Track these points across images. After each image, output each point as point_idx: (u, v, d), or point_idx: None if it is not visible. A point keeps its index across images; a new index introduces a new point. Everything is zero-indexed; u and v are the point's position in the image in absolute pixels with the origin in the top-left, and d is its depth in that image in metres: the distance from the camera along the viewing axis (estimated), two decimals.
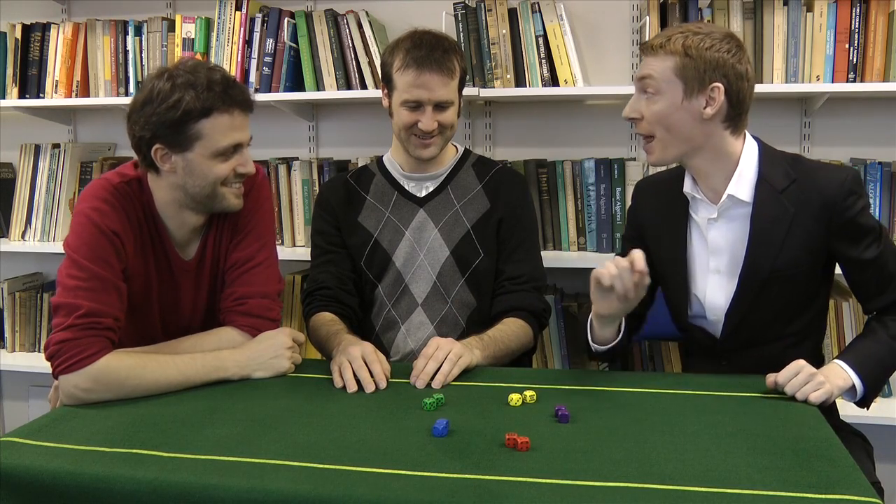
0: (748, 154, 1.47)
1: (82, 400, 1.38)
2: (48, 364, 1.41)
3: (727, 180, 1.46)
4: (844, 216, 1.42)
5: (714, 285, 1.52)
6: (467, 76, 1.89)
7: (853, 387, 1.42)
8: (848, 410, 1.83)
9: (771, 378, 1.36)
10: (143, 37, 2.44)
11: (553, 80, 2.19)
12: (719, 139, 1.45)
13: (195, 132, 1.44)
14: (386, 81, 1.77)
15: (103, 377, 1.38)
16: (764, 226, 1.45)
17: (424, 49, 1.69)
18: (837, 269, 1.53)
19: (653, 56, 1.43)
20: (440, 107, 1.72)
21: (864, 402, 1.46)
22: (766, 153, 1.49)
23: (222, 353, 1.50)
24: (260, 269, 1.61)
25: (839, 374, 1.41)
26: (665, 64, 1.41)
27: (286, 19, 2.32)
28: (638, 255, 1.33)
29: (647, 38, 2.10)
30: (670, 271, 1.57)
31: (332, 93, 2.31)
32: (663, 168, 1.64)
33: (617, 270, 1.34)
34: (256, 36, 2.34)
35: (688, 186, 1.53)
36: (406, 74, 1.70)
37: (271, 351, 1.51)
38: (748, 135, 1.50)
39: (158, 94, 1.44)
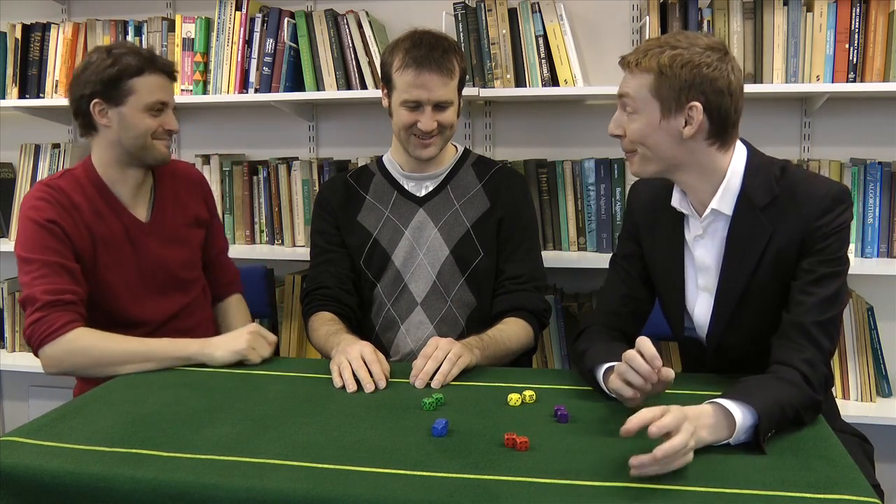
0: (735, 166, 1.40)
1: (60, 369, 1.60)
2: None
3: (714, 194, 1.40)
4: (817, 234, 1.33)
5: (701, 303, 1.48)
6: (467, 76, 1.89)
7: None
8: (848, 410, 1.83)
9: (653, 429, 1.05)
10: (143, 37, 2.44)
11: (553, 80, 2.19)
12: (704, 155, 1.38)
13: (128, 87, 1.68)
14: (385, 81, 1.78)
15: (73, 346, 1.57)
16: (739, 243, 1.40)
17: (424, 49, 1.69)
18: None
19: (629, 73, 1.37)
20: (440, 107, 1.72)
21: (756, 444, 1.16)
22: (752, 164, 1.41)
23: (187, 339, 1.64)
24: (227, 251, 2.03)
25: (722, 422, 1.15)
26: (640, 82, 1.35)
27: (286, 19, 2.32)
28: (642, 351, 1.19)
29: (647, 38, 2.11)
30: (666, 284, 1.54)
31: (332, 93, 2.31)
32: None
33: (640, 383, 1.21)
34: (256, 36, 2.34)
35: (675, 201, 1.47)
36: (405, 74, 1.70)
37: (231, 335, 1.65)
38: (739, 143, 1.44)
39: (97, 59, 1.69)
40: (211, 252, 1.95)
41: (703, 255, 1.46)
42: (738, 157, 1.41)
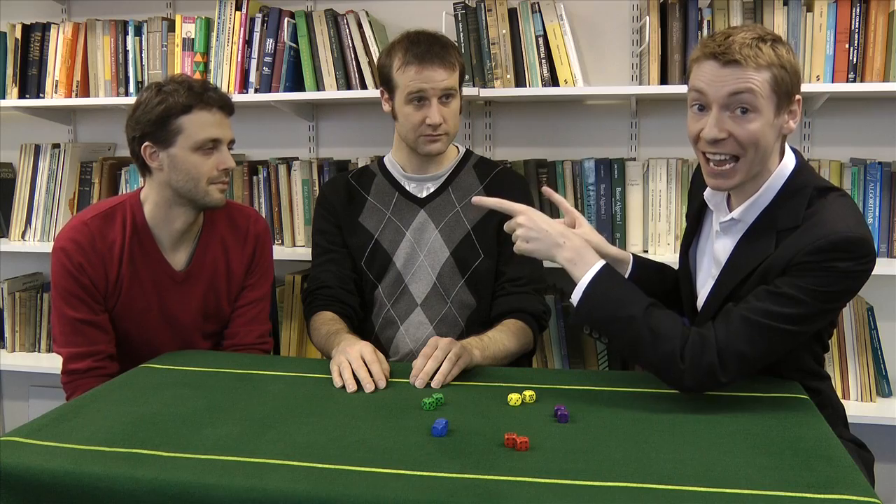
0: (774, 182, 1.35)
1: None
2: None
3: (751, 196, 1.37)
4: (800, 266, 1.26)
5: (706, 291, 1.48)
6: (466, 76, 1.89)
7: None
8: (849, 410, 1.82)
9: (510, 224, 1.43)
10: (143, 37, 2.44)
11: (553, 80, 2.19)
12: (772, 157, 1.35)
13: (176, 127, 1.62)
14: (385, 84, 1.78)
15: None
16: (744, 252, 1.37)
17: (423, 45, 1.71)
18: None
19: (744, 67, 1.26)
20: (445, 97, 1.73)
21: (577, 314, 1.37)
22: (792, 185, 1.35)
23: None
24: (267, 307, 1.88)
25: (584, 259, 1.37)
26: (763, 77, 1.26)
27: (286, 19, 2.32)
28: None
29: (647, 39, 2.11)
30: (683, 262, 1.56)
31: (332, 93, 2.31)
32: None
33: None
34: (256, 36, 2.34)
35: (708, 192, 1.45)
36: (408, 71, 1.71)
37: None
38: (788, 150, 1.38)
39: (146, 98, 1.64)
40: (240, 300, 1.83)
41: (721, 249, 1.45)
42: (779, 173, 1.36)
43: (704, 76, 1.30)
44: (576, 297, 1.37)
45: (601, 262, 1.37)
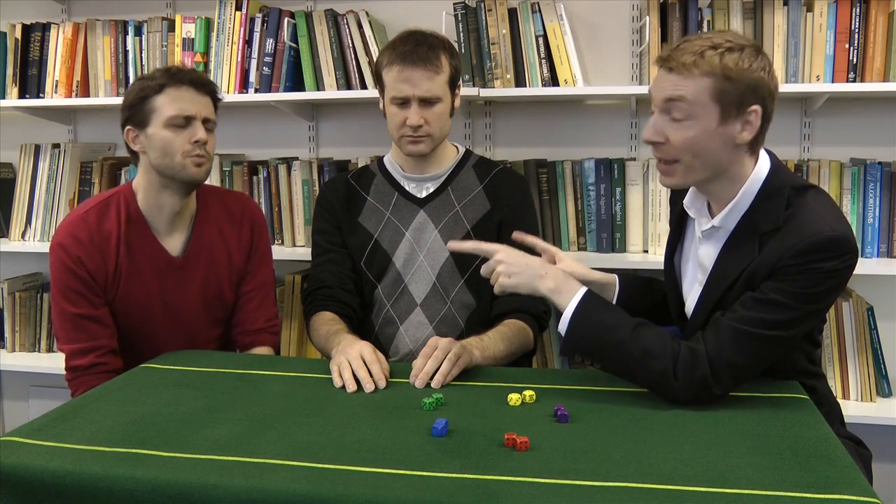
0: (751, 186, 1.35)
1: None
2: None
3: (729, 203, 1.37)
4: (785, 270, 1.27)
5: (693, 297, 1.48)
6: (465, 76, 1.88)
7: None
8: (848, 410, 1.83)
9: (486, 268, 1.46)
10: (143, 37, 2.44)
11: (553, 80, 2.19)
12: (739, 164, 1.34)
13: (150, 107, 1.66)
14: (378, 81, 1.79)
15: None
16: (729, 258, 1.37)
17: (410, 45, 1.71)
18: None
19: (682, 75, 1.27)
20: (426, 102, 1.72)
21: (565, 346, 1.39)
22: (769, 186, 1.34)
23: None
24: (272, 291, 1.91)
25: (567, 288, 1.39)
26: (700, 86, 1.26)
27: (286, 19, 2.32)
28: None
29: (647, 39, 2.11)
30: (668, 269, 1.56)
31: (332, 93, 2.31)
32: None
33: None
34: (256, 36, 2.34)
35: (688, 200, 1.46)
36: (392, 71, 1.72)
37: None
38: (763, 153, 1.38)
39: (130, 87, 1.72)
40: (244, 287, 1.85)
41: (705, 255, 1.46)
42: (755, 177, 1.36)
43: (654, 80, 1.35)
44: (563, 326, 1.38)
45: (584, 289, 1.39)
